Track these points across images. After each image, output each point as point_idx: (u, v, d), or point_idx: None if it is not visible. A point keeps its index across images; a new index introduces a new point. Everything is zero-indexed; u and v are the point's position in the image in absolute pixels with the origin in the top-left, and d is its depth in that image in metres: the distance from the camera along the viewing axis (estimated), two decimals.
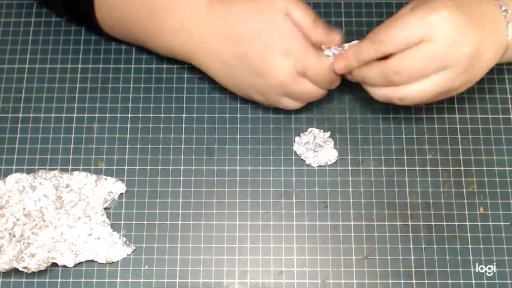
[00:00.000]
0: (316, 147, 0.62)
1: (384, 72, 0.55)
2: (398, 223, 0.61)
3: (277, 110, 0.64)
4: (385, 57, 0.55)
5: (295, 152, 0.63)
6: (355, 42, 0.59)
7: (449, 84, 0.55)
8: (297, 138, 0.63)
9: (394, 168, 0.63)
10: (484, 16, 0.55)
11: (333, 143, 0.63)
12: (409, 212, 0.61)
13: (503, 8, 0.56)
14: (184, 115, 0.65)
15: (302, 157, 0.62)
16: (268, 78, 0.58)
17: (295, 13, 0.57)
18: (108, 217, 0.61)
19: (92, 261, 0.59)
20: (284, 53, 0.57)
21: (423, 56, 0.53)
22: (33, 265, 0.57)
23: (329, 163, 0.62)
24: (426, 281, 0.59)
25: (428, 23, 0.53)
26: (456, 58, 0.54)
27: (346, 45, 0.59)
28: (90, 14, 0.63)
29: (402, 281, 0.59)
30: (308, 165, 0.63)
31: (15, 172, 0.62)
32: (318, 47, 0.58)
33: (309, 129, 0.63)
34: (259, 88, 0.59)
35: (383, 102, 0.59)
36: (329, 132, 0.63)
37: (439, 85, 0.55)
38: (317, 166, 0.62)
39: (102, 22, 0.63)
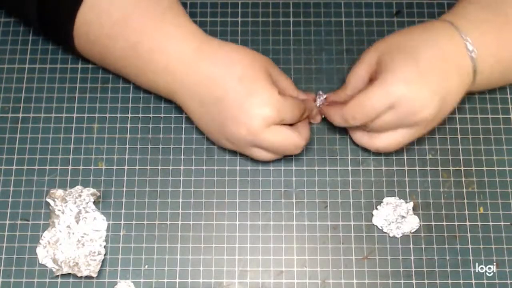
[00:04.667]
0: (398, 219, 0.61)
1: (345, 119, 0.59)
2: None
3: None
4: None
5: (376, 226, 0.61)
6: (323, 96, 0.63)
7: (415, 136, 0.59)
8: (375, 212, 0.61)
9: (394, 168, 0.63)
10: (447, 59, 0.57)
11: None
12: None
13: (464, 38, 0.58)
14: (184, 115, 0.65)
15: (385, 230, 0.60)
16: (242, 126, 0.56)
17: (281, 82, 0.60)
18: (108, 217, 0.61)
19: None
20: (261, 103, 0.56)
21: (390, 121, 0.57)
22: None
23: (413, 230, 0.61)
24: (426, 281, 0.59)
25: (391, 97, 0.56)
26: (418, 121, 0.57)
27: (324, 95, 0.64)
28: (70, 46, 0.62)
29: (402, 281, 0.59)
30: (308, 166, 0.63)
31: (15, 172, 0.62)
32: None
33: (385, 200, 0.62)
34: (230, 136, 0.58)
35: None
36: (411, 203, 0.61)
37: (406, 137, 0.59)
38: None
39: (83, 53, 0.63)
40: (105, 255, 0.59)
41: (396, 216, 0.61)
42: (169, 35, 0.58)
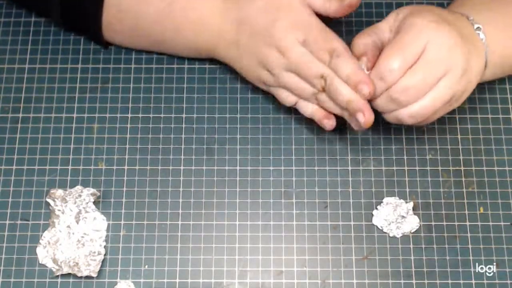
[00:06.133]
0: (398, 219, 0.61)
1: (391, 97, 0.55)
2: None
3: (277, 111, 0.64)
4: None
5: (376, 226, 0.61)
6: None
7: (452, 89, 0.55)
8: (375, 212, 0.61)
9: (394, 168, 0.63)
10: (464, 30, 0.57)
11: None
12: None
13: (475, 26, 0.58)
14: (184, 115, 0.65)
15: (385, 230, 0.60)
16: (273, 49, 0.58)
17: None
18: (108, 217, 0.61)
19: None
20: (290, 24, 0.58)
21: (424, 67, 0.54)
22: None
23: (413, 230, 0.61)
24: (426, 281, 0.59)
25: (422, 38, 0.54)
26: (453, 60, 0.55)
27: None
28: (95, 25, 0.63)
29: (402, 281, 0.59)
30: (308, 166, 0.63)
31: (15, 172, 0.62)
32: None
33: (385, 200, 0.61)
34: (266, 63, 0.59)
35: (397, 124, 0.58)
36: (411, 203, 0.61)
37: (444, 91, 0.55)
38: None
39: (111, 30, 0.64)
40: (105, 255, 0.59)
41: (396, 216, 0.61)
42: None
